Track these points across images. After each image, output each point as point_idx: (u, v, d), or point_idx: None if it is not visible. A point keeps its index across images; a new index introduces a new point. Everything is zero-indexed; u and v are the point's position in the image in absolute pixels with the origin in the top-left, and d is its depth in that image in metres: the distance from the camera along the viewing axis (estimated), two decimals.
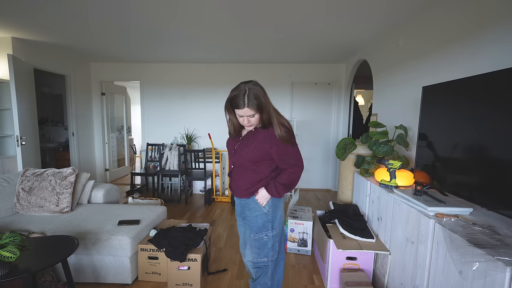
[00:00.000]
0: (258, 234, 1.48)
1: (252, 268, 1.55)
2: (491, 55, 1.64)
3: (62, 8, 2.51)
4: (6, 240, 1.36)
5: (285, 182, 1.42)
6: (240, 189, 1.49)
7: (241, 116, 1.35)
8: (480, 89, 1.35)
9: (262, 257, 1.50)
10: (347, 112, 4.68)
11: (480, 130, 1.33)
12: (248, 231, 1.51)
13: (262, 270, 1.52)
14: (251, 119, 1.34)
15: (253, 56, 4.24)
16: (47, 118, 5.46)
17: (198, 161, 4.38)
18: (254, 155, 1.41)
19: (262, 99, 1.31)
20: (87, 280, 2.05)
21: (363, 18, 2.63)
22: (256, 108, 1.30)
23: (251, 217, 1.49)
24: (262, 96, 1.31)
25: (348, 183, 2.76)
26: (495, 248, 1.05)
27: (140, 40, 3.46)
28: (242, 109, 1.30)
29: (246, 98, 1.29)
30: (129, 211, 2.45)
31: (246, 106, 1.29)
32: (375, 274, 2.04)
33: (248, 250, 1.55)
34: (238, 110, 1.32)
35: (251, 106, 1.29)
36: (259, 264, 1.51)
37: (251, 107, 1.29)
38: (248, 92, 1.29)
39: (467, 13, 1.85)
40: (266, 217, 1.47)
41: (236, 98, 1.30)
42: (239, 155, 1.46)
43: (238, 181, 1.49)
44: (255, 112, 1.31)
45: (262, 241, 1.48)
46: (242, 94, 1.29)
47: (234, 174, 1.52)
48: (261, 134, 1.41)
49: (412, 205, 1.60)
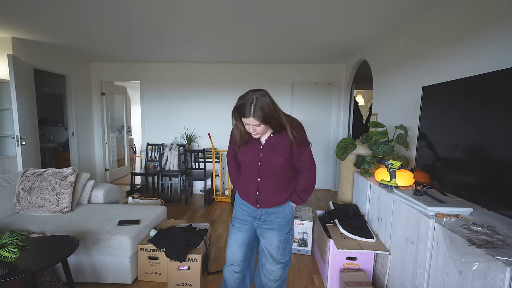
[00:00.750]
0: (286, 235, 1.52)
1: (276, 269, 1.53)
2: (492, 54, 1.64)
3: (62, 8, 2.51)
4: (6, 240, 1.36)
5: (304, 188, 1.49)
6: (273, 200, 1.47)
7: (247, 124, 1.35)
8: (480, 89, 1.35)
9: (288, 253, 1.55)
10: (347, 112, 4.68)
11: (480, 130, 1.33)
12: (276, 234, 1.50)
13: (287, 266, 1.56)
14: (257, 128, 1.34)
15: (253, 56, 4.24)
16: (47, 118, 5.46)
17: (198, 161, 4.38)
18: (284, 159, 1.42)
19: (268, 110, 1.29)
20: (87, 280, 2.05)
21: (363, 18, 2.63)
22: (261, 120, 1.29)
23: (282, 221, 1.50)
24: (268, 107, 1.29)
25: (348, 183, 2.76)
26: (495, 248, 1.05)
27: (140, 40, 3.46)
28: (248, 118, 1.30)
29: (252, 108, 1.27)
30: (129, 211, 2.45)
31: (251, 116, 1.28)
32: (375, 274, 2.04)
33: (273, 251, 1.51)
34: (244, 119, 1.32)
35: (257, 117, 1.28)
36: (286, 262, 1.55)
37: (257, 118, 1.28)
38: (255, 103, 1.27)
39: (467, 13, 1.85)
40: (291, 218, 1.55)
41: (243, 107, 1.29)
42: (268, 164, 1.42)
43: (269, 193, 1.46)
44: (260, 122, 1.31)
45: (289, 239, 1.54)
46: (249, 103, 1.28)
47: (262, 186, 1.46)
48: (282, 136, 1.42)
49: (412, 205, 1.60)
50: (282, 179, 1.46)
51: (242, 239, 1.54)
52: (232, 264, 1.55)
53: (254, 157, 1.44)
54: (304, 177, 1.48)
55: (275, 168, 1.42)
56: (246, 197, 1.53)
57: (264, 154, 1.43)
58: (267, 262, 1.54)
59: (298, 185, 1.49)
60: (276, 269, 1.53)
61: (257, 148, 1.45)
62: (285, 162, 1.43)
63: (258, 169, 1.44)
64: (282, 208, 1.50)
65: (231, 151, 1.61)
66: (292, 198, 1.51)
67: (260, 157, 1.43)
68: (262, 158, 1.43)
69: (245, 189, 1.53)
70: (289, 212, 1.52)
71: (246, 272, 1.61)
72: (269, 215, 1.50)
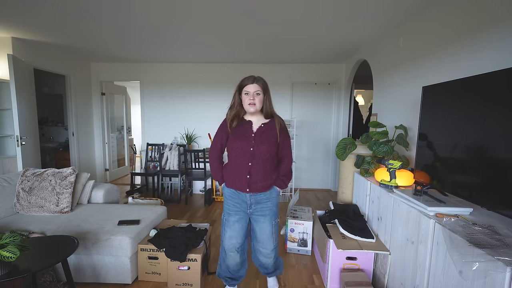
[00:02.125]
0: (276, 220, 1.76)
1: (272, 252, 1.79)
2: (493, 54, 1.64)
3: (62, 8, 2.51)
4: (6, 240, 1.36)
5: (285, 173, 1.75)
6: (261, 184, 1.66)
7: (248, 92, 1.60)
8: (480, 89, 1.35)
9: (276, 237, 1.79)
10: (347, 112, 4.68)
11: (480, 130, 1.33)
12: (268, 221, 1.72)
13: (277, 247, 1.83)
14: (256, 96, 1.60)
15: (253, 56, 4.24)
16: (47, 118, 5.46)
17: (198, 161, 4.38)
18: (272, 147, 1.65)
19: (266, 83, 1.64)
20: (87, 280, 2.05)
21: (363, 18, 2.63)
22: (262, 88, 1.60)
23: (271, 205, 1.72)
24: (267, 84, 1.65)
25: (348, 183, 2.76)
26: (495, 248, 1.05)
27: (140, 40, 3.46)
28: (251, 84, 1.59)
29: (255, 78, 1.62)
30: (129, 211, 2.45)
31: (254, 82, 1.60)
32: (375, 274, 2.04)
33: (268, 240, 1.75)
34: (247, 86, 1.60)
35: (259, 83, 1.60)
36: (276, 245, 1.80)
37: (259, 84, 1.60)
38: (257, 76, 1.64)
39: (467, 13, 1.85)
40: (277, 203, 1.78)
41: (247, 78, 1.62)
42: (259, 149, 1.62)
43: (259, 176, 1.64)
44: (261, 90, 1.60)
45: (277, 224, 1.78)
46: (252, 76, 1.63)
47: (253, 170, 1.63)
48: (272, 125, 1.68)
49: (412, 205, 1.60)
50: (269, 164, 1.67)
51: (240, 229, 1.72)
52: (231, 251, 1.75)
53: (247, 143, 1.63)
54: (286, 164, 1.75)
55: (264, 154, 1.63)
56: (236, 184, 1.67)
57: (256, 141, 1.64)
58: (261, 246, 1.78)
59: (280, 171, 1.74)
60: (269, 252, 1.79)
61: (250, 136, 1.65)
62: (273, 149, 1.66)
63: (251, 154, 1.63)
64: (269, 193, 1.71)
65: (217, 143, 1.74)
66: (277, 183, 1.73)
67: (253, 143, 1.63)
68: (255, 144, 1.63)
69: (235, 175, 1.67)
70: (275, 196, 1.76)
71: (243, 257, 1.84)
72: (260, 203, 1.70)
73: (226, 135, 1.70)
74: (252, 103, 1.60)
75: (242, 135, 1.65)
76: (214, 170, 1.76)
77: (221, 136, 1.72)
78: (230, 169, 1.71)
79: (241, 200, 1.70)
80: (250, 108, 1.62)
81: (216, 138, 1.74)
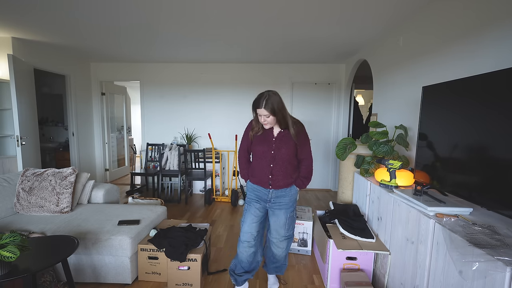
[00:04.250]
0: (293, 212, 1.88)
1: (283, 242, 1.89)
2: (494, 54, 1.63)
3: (62, 8, 2.51)
4: (6, 240, 1.36)
5: (305, 174, 1.85)
6: (282, 182, 1.79)
7: (260, 115, 1.68)
8: (480, 89, 1.35)
9: (292, 229, 1.91)
10: (347, 112, 4.68)
11: (480, 130, 1.33)
12: (283, 213, 1.83)
13: (291, 239, 1.93)
14: (266, 118, 1.68)
15: (253, 56, 4.24)
16: (47, 118, 5.46)
17: (198, 161, 4.38)
18: (291, 150, 1.76)
19: (276, 105, 1.65)
20: (87, 280, 2.05)
21: (363, 18, 2.63)
22: (270, 111, 1.64)
23: (288, 200, 1.84)
24: (277, 103, 1.65)
25: (348, 183, 2.76)
26: (495, 248, 1.05)
27: (140, 40, 3.46)
28: (260, 109, 1.65)
29: (264, 101, 1.64)
30: (129, 211, 2.45)
31: (262, 107, 1.64)
32: (375, 274, 2.04)
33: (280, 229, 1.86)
34: (258, 110, 1.67)
35: (266, 108, 1.64)
36: (290, 235, 1.91)
37: (266, 109, 1.64)
38: (267, 98, 1.64)
39: (468, 12, 1.85)
40: (295, 199, 1.89)
41: (257, 100, 1.67)
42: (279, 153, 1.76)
43: (280, 176, 1.78)
44: (269, 113, 1.65)
45: (293, 217, 1.91)
46: (262, 98, 1.65)
47: (275, 171, 1.78)
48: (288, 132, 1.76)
49: (412, 205, 1.60)
50: (289, 165, 1.79)
51: (257, 218, 1.83)
52: (247, 241, 1.83)
53: (268, 147, 1.77)
54: (306, 166, 1.84)
55: (284, 156, 1.76)
56: (259, 182, 1.83)
57: (276, 145, 1.77)
58: (275, 236, 1.88)
59: (301, 172, 1.85)
60: (283, 241, 1.89)
61: (271, 140, 1.78)
62: (292, 152, 1.77)
63: (272, 156, 1.77)
64: (289, 189, 1.83)
65: (244, 145, 1.90)
66: (297, 183, 1.85)
67: (273, 147, 1.77)
68: (275, 148, 1.76)
69: (259, 174, 1.82)
70: (294, 193, 1.86)
71: (258, 248, 1.90)
72: (278, 197, 1.82)
73: (250, 139, 1.86)
74: (264, 124, 1.73)
75: (264, 140, 1.79)
76: (242, 169, 1.94)
77: (246, 139, 1.88)
78: (254, 168, 1.86)
79: (263, 193, 1.84)
80: (265, 126, 1.77)
81: (243, 141, 1.90)
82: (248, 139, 1.86)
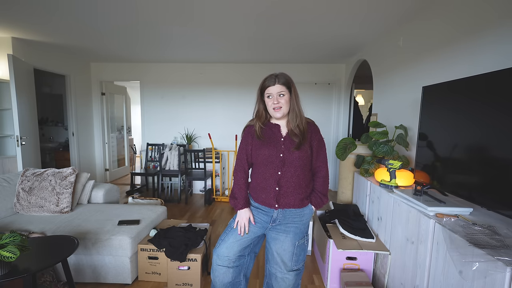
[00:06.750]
0: (302, 240, 1.44)
1: (288, 276, 1.43)
2: (493, 55, 1.64)
3: (62, 8, 2.51)
4: (6, 240, 1.36)
5: (322, 190, 1.47)
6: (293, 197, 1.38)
7: (271, 96, 1.37)
8: (480, 89, 1.35)
9: (302, 260, 1.46)
10: (347, 112, 4.68)
11: (480, 130, 1.33)
12: (289, 240, 1.40)
13: (300, 273, 1.48)
14: (280, 99, 1.36)
15: (253, 56, 4.24)
16: (47, 118, 5.46)
17: (198, 161, 4.38)
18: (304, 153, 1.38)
19: (289, 79, 1.39)
20: (87, 280, 2.05)
21: (364, 18, 2.63)
22: (285, 86, 1.36)
23: (298, 224, 1.42)
24: (291, 79, 1.40)
25: (348, 183, 2.76)
26: (495, 248, 1.05)
27: (140, 40, 3.46)
28: (273, 85, 1.35)
29: (276, 77, 1.36)
30: (129, 211, 2.45)
31: (276, 83, 1.35)
32: (375, 274, 2.04)
33: (285, 259, 1.42)
34: (269, 88, 1.36)
35: (281, 82, 1.35)
36: (300, 268, 1.47)
37: (281, 84, 1.35)
38: (279, 74, 1.38)
39: (468, 13, 1.85)
40: (309, 222, 1.49)
41: (268, 78, 1.38)
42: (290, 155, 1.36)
43: (290, 188, 1.37)
44: (285, 89, 1.36)
45: (304, 246, 1.46)
46: (273, 75, 1.37)
47: (283, 180, 1.37)
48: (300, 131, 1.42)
49: (412, 205, 1.60)
50: (302, 173, 1.39)
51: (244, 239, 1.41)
52: (222, 266, 1.41)
53: (276, 148, 1.38)
54: (323, 178, 1.46)
55: (297, 161, 1.37)
56: (262, 198, 1.40)
57: (286, 145, 1.38)
58: (278, 269, 1.43)
59: (317, 186, 1.46)
60: (287, 277, 1.43)
61: (279, 140, 1.40)
62: (306, 156, 1.39)
63: (280, 160, 1.37)
64: (301, 210, 1.41)
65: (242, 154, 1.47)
66: (313, 200, 1.44)
67: (283, 149, 1.38)
68: (285, 149, 1.38)
69: (262, 187, 1.40)
70: (308, 214, 1.44)
71: (240, 278, 1.49)
72: (286, 217, 1.40)
73: (251, 145, 1.44)
74: (277, 108, 1.36)
75: (270, 140, 1.40)
76: (238, 186, 1.45)
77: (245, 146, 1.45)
78: (256, 181, 1.43)
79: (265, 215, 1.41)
80: (276, 114, 1.37)
81: (241, 149, 1.47)
82: (248, 146, 1.44)
